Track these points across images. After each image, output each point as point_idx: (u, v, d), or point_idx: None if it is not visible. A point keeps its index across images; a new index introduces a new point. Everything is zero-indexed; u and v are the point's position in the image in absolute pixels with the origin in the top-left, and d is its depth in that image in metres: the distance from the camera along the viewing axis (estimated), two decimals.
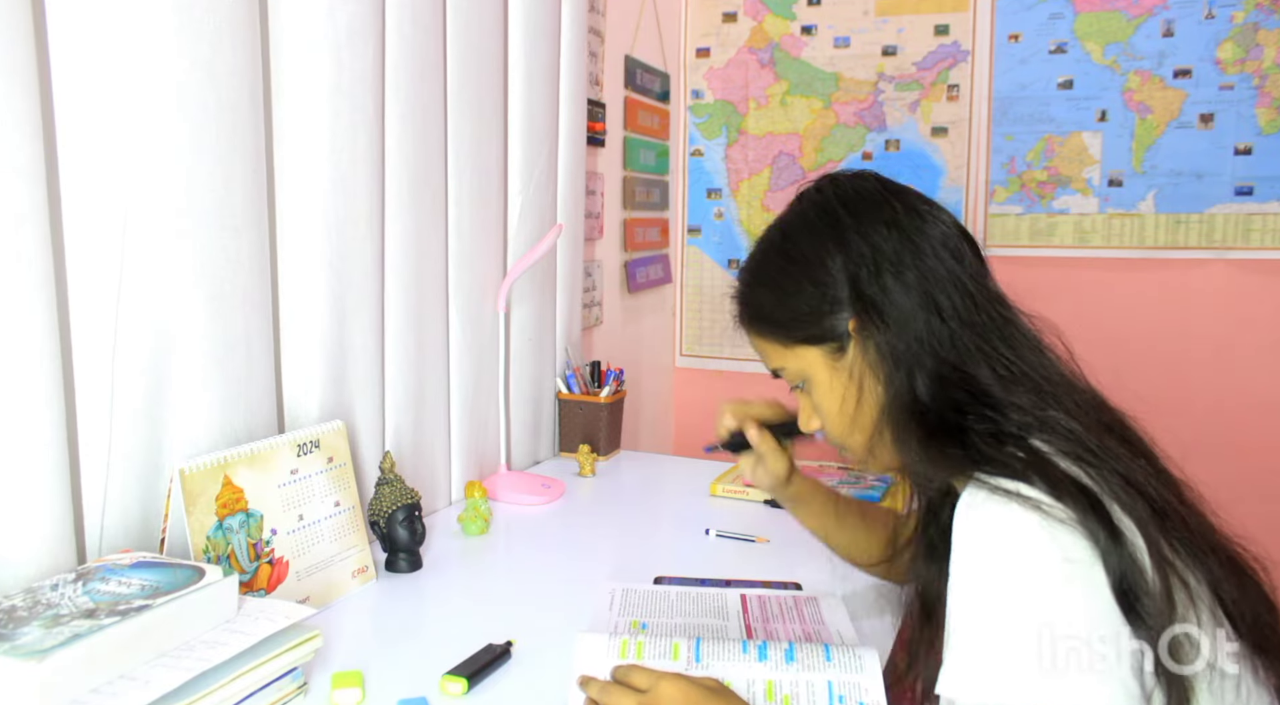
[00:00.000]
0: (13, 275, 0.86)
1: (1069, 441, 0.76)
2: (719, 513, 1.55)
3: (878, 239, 0.85)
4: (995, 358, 0.81)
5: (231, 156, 1.08)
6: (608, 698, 0.84)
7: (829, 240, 0.87)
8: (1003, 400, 0.79)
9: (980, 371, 0.80)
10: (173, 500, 1.00)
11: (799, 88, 2.72)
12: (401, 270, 1.41)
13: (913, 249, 0.85)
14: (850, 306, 0.85)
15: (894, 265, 0.84)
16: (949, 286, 0.83)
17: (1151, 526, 0.71)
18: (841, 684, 0.90)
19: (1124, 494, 0.72)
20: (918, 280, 0.83)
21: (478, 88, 1.57)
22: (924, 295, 0.83)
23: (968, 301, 0.83)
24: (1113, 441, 0.78)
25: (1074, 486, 0.71)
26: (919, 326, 0.82)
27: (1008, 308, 0.86)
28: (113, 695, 0.73)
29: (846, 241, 0.86)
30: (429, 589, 1.22)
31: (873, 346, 0.85)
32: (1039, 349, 0.84)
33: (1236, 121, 2.38)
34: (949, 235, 0.86)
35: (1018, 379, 0.80)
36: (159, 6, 0.98)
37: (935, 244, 0.85)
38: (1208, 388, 2.47)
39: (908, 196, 0.89)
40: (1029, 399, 0.79)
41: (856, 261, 0.85)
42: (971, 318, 0.83)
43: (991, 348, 0.81)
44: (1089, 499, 0.70)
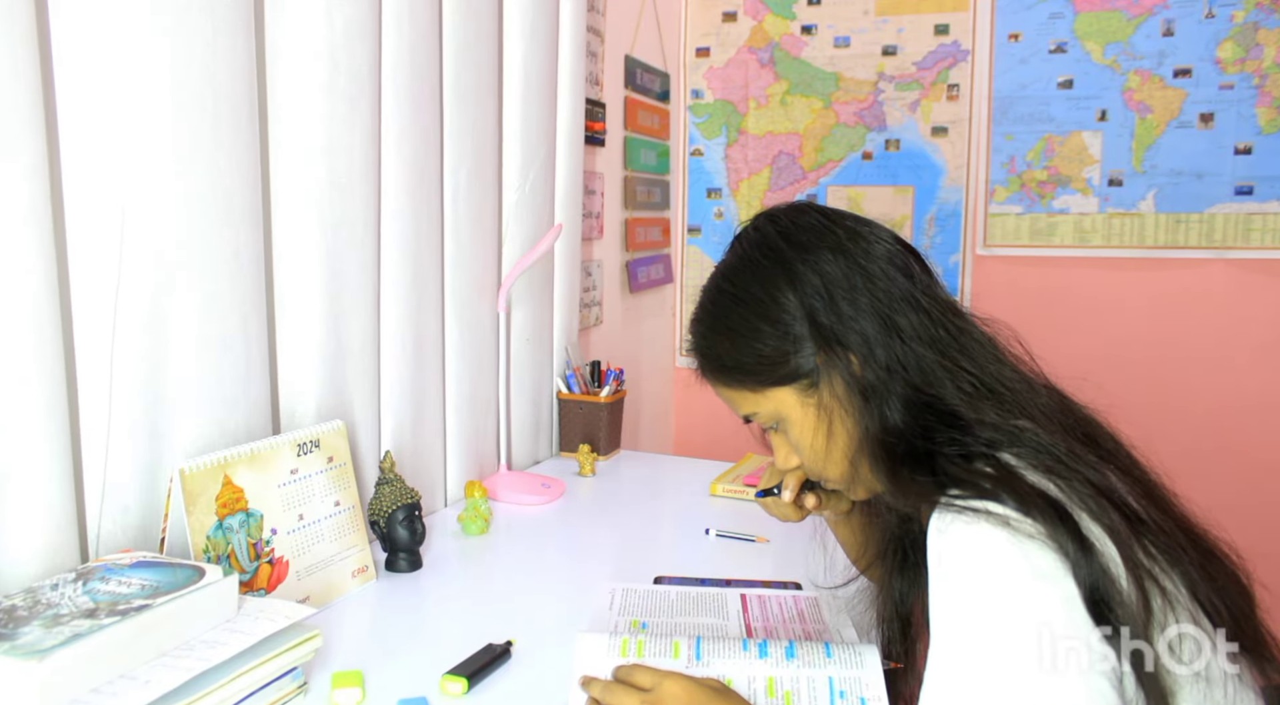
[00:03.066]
0: (14, 276, 0.87)
1: (1037, 453, 0.75)
2: (719, 513, 1.55)
3: (826, 267, 0.84)
4: (958, 373, 0.80)
5: (229, 156, 1.08)
6: (611, 697, 0.84)
7: (778, 277, 0.85)
8: (970, 419, 0.78)
9: (946, 390, 0.79)
10: (173, 500, 1.00)
11: (799, 87, 2.72)
12: (399, 270, 1.41)
13: (862, 272, 0.83)
14: (812, 340, 0.84)
15: (847, 291, 0.83)
16: (904, 305, 0.82)
17: (1123, 533, 0.70)
18: (842, 680, 0.90)
19: (1093, 503, 0.72)
20: (872, 303, 0.82)
21: (475, 88, 1.57)
22: (882, 318, 0.82)
23: (924, 318, 0.82)
24: (1080, 445, 0.78)
25: (1042, 499, 0.70)
26: (882, 351, 0.81)
27: (962, 317, 0.85)
28: (113, 695, 0.73)
29: (795, 275, 0.84)
30: (429, 589, 1.22)
31: (840, 378, 0.83)
32: (997, 356, 0.83)
33: (1236, 121, 2.38)
34: (894, 253, 0.85)
35: (982, 393, 0.79)
36: (157, 6, 0.98)
37: (883, 263, 0.84)
38: (1207, 387, 2.47)
39: (846, 220, 0.88)
40: (995, 413, 0.78)
41: (810, 293, 0.83)
42: (930, 334, 0.81)
43: (954, 363, 0.80)
44: (1057, 511, 0.70)
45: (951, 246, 2.65)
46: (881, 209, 2.69)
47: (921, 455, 0.78)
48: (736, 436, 2.72)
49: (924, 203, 2.65)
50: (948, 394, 0.79)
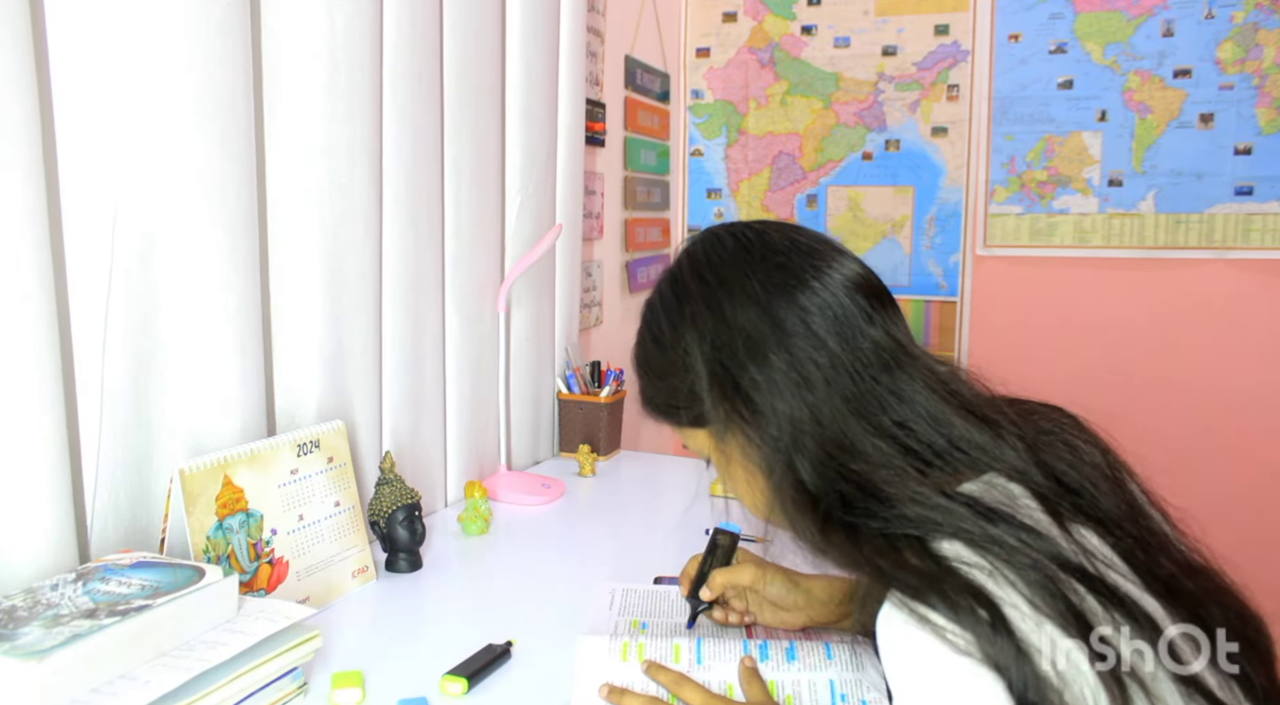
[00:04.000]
0: (13, 276, 0.86)
1: (970, 536, 0.67)
2: (719, 513, 1.55)
3: (734, 314, 0.77)
4: (880, 439, 0.73)
5: (227, 156, 1.08)
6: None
7: (684, 323, 0.80)
8: (893, 494, 0.70)
9: (863, 460, 0.72)
10: (173, 500, 1.00)
11: (799, 88, 2.72)
12: (399, 270, 1.41)
13: (774, 324, 0.76)
14: (715, 389, 0.78)
15: (755, 343, 0.76)
16: (824, 361, 0.74)
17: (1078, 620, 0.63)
18: (843, 682, 0.90)
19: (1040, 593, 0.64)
20: (785, 359, 0.75)
21: (476, 88, 1.57)
22: (794, 375, 0.74)
23: (845, 377, 0.74)
24: (1046, 505, 0.70)
25: (974, 602, 0.63)
26: (792, 411, 0.74)
27: (907, 369, 0.76)
28: (113, 695, 0.73)
29: (700, 324, 0.79)
30: (429, 589, 1.22)
31: (747, 433, 0.77)
32: (944, 415, 0.74)
33: (1236, 121, 2.38)
34: (826, 299, 0.76)
35: (910, 463, 0.72)
36: (155, 6, 0.98)
37: (809, 314, 0.76)
38: (1207, 387, 2.47)
39: (775, 257, 0.79)
40: (922, 488, 0.70)
41: (714, 346, 0.78)
42: (849, 392, 0.74)
43: (876, 428, 0.73)
44: (991, 616, 0.62)
45: (951, 247, 2.65)
46: (881, 209, 2.69)
47: (844, 524, 0.72)
48: None
49: (924, 203, 2.65)
50: (863, 461, 0.72)
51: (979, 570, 0.65)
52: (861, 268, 0.81)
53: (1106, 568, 0.68)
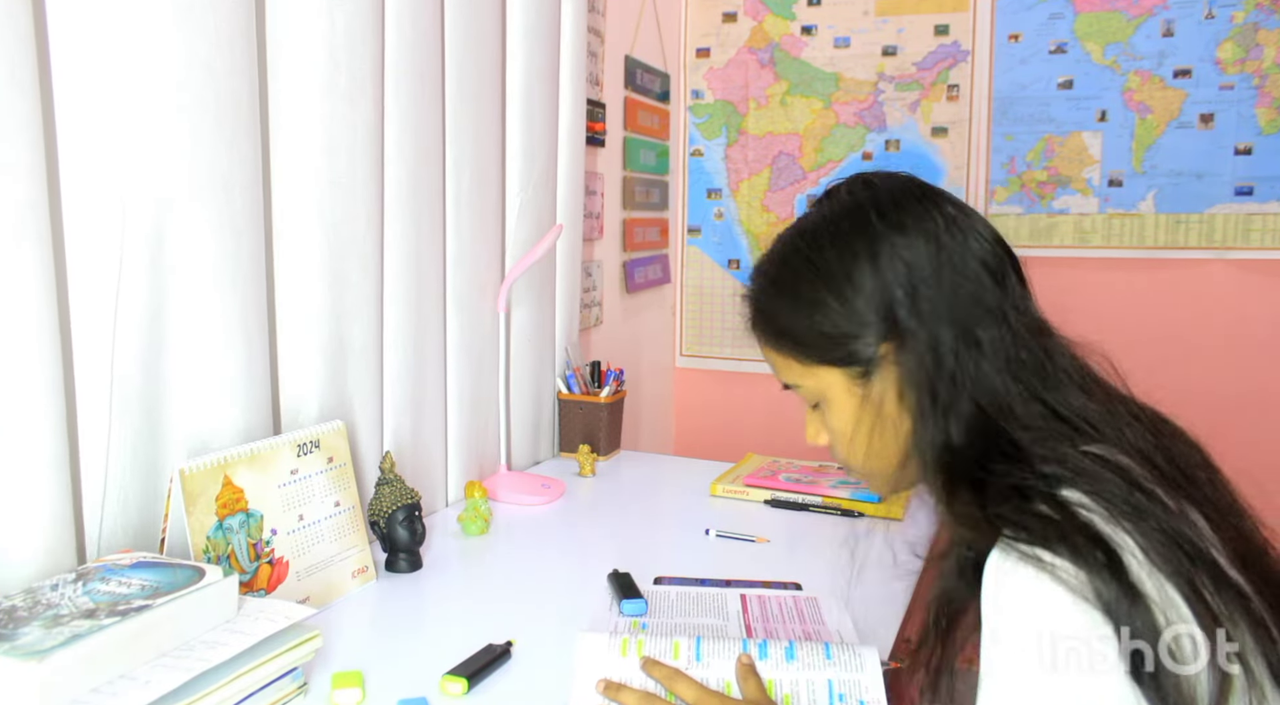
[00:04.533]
0: (13, 276, 0.87)
1: (1105, 499, 0.67)
2: (719, 513, 1.55)
3: (915, 256, 0.76)
4: (1031, 402, 0.73)
5: (229, 155, 1.08)
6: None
7: (860, 252, 0.77)
8: (1033, 453, 0.71)
9: (1013, 418, 0.72)
10: (173, 500, 1.00)
11: (799, 88, 2.72)
12: (400, 270, 1.41)
13: (953, 270, 0.75)
14: (880, 331, 0.76)
15: (932, 288, 0.75)
16: (989, 316, 0.74)
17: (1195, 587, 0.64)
18: (842, 682, 0.90)
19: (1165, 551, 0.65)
20: (957, 308, 0.74)
21: (477, 88, 1.57)
22: (963, 326, 0.74)
23: (1007, 334, 0.74)
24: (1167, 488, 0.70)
25: (1093, 545, 0.64)
26: (955, 362, 0.73)
27: (1049, 338, 0.77)
28: (113, 695, 0.73)
29: (880, 255, 0.76)
30: (429, 589, 1.22)
31: (903, 379, 0.76)
32: (1083, 386, 0.75)
33: (1236, 121, 2.38)
34: (990, 254, 0.77)
35: (1054, 426, 0.72)
36: (158, 5, 0.98)
37: (976, 263, 0.76)
38: (1208, 388, 2.47)
39: (946, 205, 0.79)
40: (1065, 449, 0.71)
41: (890, 280, 0.75)
42: (1010, 354, 0.74)
43: (1028, 390, 0.73)
44: (1109, 561, 0.63)
45: None
46: None
47: (975, 481, 0.72)
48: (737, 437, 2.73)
49: None
50: (1014, 422, 0.72)
51: (1099, 516, 0.66)
52: (996, 229, 0.81)
53: (1215, 552, 0.68)
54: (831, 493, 1.56)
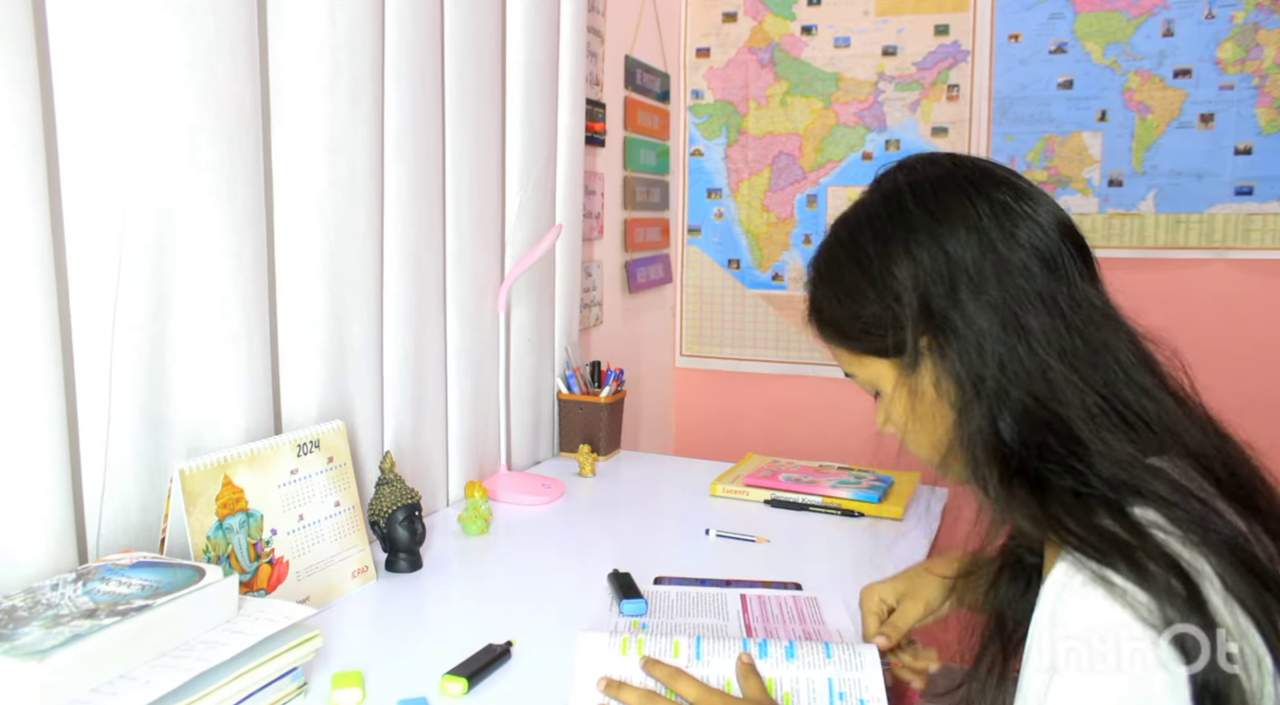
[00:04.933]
0: (14, 275, 0.87)
1: (1171, 505, 0.65)
2: (719, 513, 1.55)
3: (955, 246, 0.74)
4: (1087, 392, 0.70)
5: (231, 155, 1.08)
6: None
7: (897, 244, 0.76)
8: (1093, 448, 0.68)
9: (1071, 410, 0.69)
10: (173, 500, 1.00)
11: (799, 88, 2.72)
12: (400, 269, 1.41)
13: (996, 260, 0.73)
14: (921, 323, 0.75)
15: (973, 280, 0.73)
16: (1039, 305, 0.72)
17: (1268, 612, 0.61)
18: (842, 681, 0.90)
19: (1236, 574, 0.62)
20: (1001, 298, 0.72)
21: (477, 88, 1.57)
22: (1009, 316, 0.72)
23: (1059, 322, 0.72)
24: (1228, 500, 0.68)
25: (1167, 572, 0.61)
26: (1002, 353, 0.71)
27: (1112, 327, 0.74)
28: (113, 695, 0.73)
29: (917, 247, 0.75)
30: (429, 589, 1.22)
31: (947, 370, 0.74)
32: (1145, 380, 0.73)
33: (1236, 121, 2.38)
34: (1044, 240, 0.74)
35: (1113, 420, 0.69)
36: (159, 5, 0.98)
37: (1025, 252, 0.73)
38: (1207, 388, 2.46)
39: (996, 190, 0.76)
40: (1125, 446, 0.68)
41: (928, 272, 0.74)
42: (1064, 344, 0.71)
43: (1083, 380, 0.70)
44: (1187, 592, 0.60)
45: None
46: None
47: (1034, 477, 0.69)
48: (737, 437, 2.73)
49: None
50: (1072, 415, 0.69)
51: (1175, 539, 0.63)
52: (1066, 215, 0.78)
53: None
54: (831, 493, 1.56)
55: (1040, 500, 0.68)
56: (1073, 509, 0.66)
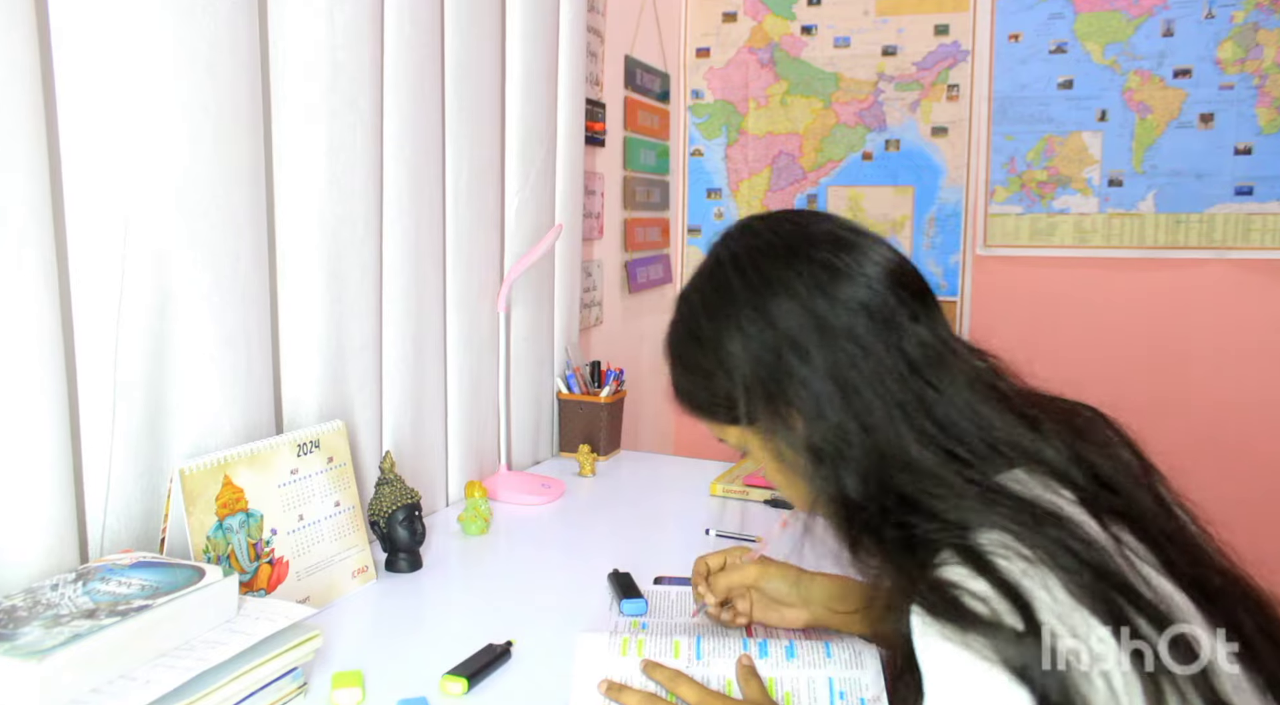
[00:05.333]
0: (16, 276, 0.87)
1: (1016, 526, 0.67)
2: (719, 513, 1.55)
3: (778, 316, 0.75)
4: (926, 439, 0.72)
5: (231, 156, 1.08)
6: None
7: (726, 320, 0.78)
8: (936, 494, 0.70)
9: (910, 459, 0.72)
10: (173, 500, 1.00)
11: (799, 88, 2.72)
12: (400, 270, 1.41)
13: (819, 324, 0.74)
14: (759, 395, 0.76)
15: (800, 347, 0.74)
16: (867, 362, 0.73)
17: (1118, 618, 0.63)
18: (842, 680, 0.90)
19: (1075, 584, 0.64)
20: (830, 361, 0.73)
21: (476, 88, 1.57)
22: (839, 377, 0.73)
23: (892, 375, 0.73)
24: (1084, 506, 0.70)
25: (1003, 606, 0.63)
26: (837, 415, 0.73)
27: (949, 367, 0.75)
28: (113, 695, 0.73)
29: (742, 322, 0.77)
30: (429, 589, 1.22)
31: (787, 438, 0.76)
32: (986, 413, 0.74)
33: (1236, 121, 2.38)
34: (868, 294, 0.75)
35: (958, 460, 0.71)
36: (160, 6, 0.98)
37: (849, 310, 0.74)
38: (1208, 388, 2.47)
39: (816, 251, 0.77)
40: (969, 484, 0.70)
41: (757, 345, 0.76)
42: (897, 395, 0.73)
43: (921, 429, 0.72)
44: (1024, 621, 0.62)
45: (951, 247, 2.65)
46: (881, 209, 2.69)
47: (878, 531, 0.72)
48: None
49: (924, 203, 2.65)
50: (912, 462, 0.71)
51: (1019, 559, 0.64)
52: (899, 257, 0.79)
53: (1144, 565, 0.68)
54: None
55: (884, 553, 0.71)
56: (908, 564, 0.69)
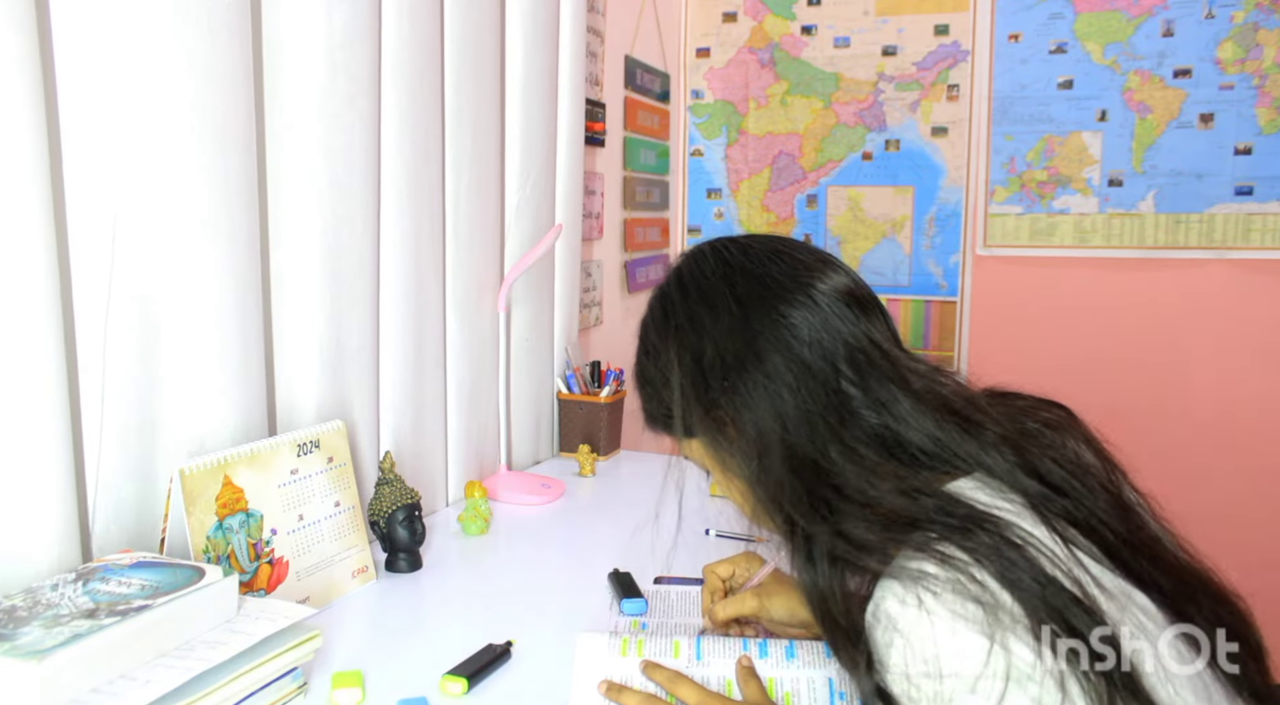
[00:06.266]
0: (16, 276, 0.87)
1: (948, 531, 0.69)
2: (719, 513, 1.55)
3: (717, 336, 0.80)
4: (861, 447, 0.75)
5: (227, 157, 1.08)
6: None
7: (669, 337, 0.83)
8: (868, 499, 0.73)
9: (836, 468, 0.75)
10: (173, 500, 1.00)
11: (799, 88, 2.72)
12: (399, 270, 1.41)
13: (750, 340, 0.78)
14: (697, 406, 0.81)
15: (734, 368, 0.78)
16: (806, 376, 0.76)
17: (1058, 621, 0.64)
18: (843, 680, 0.90)
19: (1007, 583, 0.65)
20: (760, 373, 0.77)
21: (476, 88, 1.57)
22: (768, 389, 0.77)
23: (828, 389, 0.76)
24: (1031, 509, 0.72)
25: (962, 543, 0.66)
26: (763, 423, 0.77)
27: (889, 380, 0.77)
28: (113, 695, 0.73)
29: (682, 337, 0.82)
30: (429, 589, 1.22)
31: (728, 447, 0.81)
32: (925, 424, 0.75)
33: (1236, 121, 2.38)
34: (814, 310, 0.78)
35: (895, 468, 0.74)
36: (157, 6, 0.98)
37: (785, 326, 0.78)
38: (1208, 388, 2.47)
39: (756, 268, 0.81)
40: (895, 496, 0.72)
41: (694, 359, 0.81)
42: (824, 402, 0.76)
43: (849, 436, 0.75)
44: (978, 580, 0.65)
45: (951, 247, 2.65)
46: (881, 209, 2.69)
47: (804, 532, 0.75)
48: None
49: (924, 203, 2.65)
50: (839, 473, 0.74)
51: (958, 562, 0.66)
52: (845, 278, 0.82)
53: (1094, 563, 0.69)
54: None
55: (809, 550, 0.74)
56: (850, 543, 0.72)
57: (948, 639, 0.64)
